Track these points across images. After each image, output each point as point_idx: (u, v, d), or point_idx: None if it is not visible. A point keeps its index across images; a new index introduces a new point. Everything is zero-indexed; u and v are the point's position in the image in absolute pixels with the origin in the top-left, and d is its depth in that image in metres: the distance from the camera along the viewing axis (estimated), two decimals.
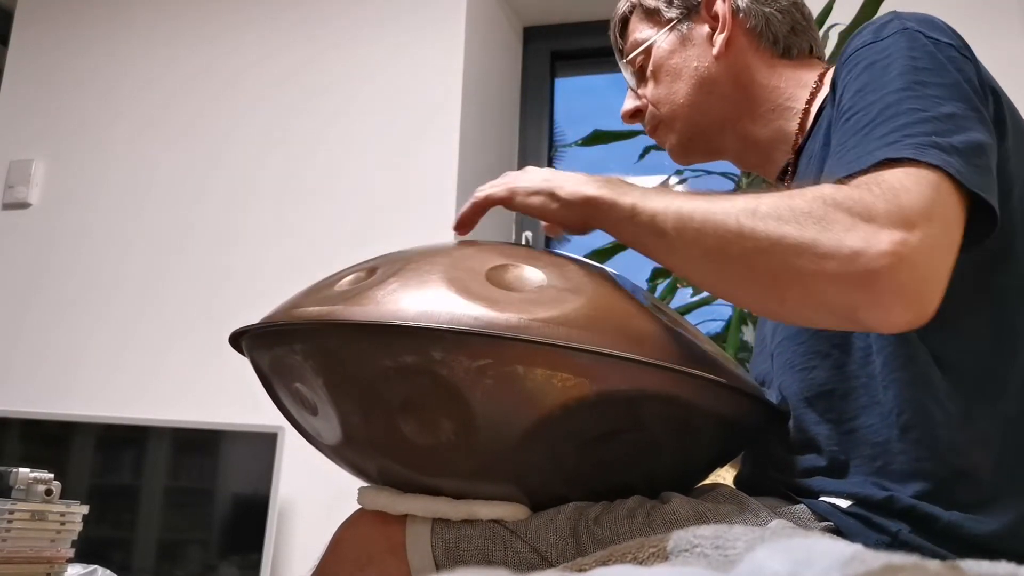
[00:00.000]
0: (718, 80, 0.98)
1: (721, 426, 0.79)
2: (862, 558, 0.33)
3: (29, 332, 2.35)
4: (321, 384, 0.75)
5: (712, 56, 0.99)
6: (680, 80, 1.01)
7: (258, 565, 1.86)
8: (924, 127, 0.70)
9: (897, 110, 0.71)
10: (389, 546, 0.79)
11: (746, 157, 1.04)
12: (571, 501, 0.78)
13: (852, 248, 0.64)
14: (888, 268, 0.63)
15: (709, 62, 0.99)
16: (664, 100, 1.02)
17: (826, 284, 0.65)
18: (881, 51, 0.77)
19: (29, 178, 2.46)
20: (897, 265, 0.63)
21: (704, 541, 0.39)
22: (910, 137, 0.69)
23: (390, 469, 0.79)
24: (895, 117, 0.71)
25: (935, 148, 0.68)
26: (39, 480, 1.27)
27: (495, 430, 0.71)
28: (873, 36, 0.80)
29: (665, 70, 1.02)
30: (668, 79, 1.02)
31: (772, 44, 0.99)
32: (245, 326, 0.80)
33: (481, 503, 0.78)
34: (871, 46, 0.79)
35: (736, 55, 0.98)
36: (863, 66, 0.78)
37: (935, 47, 0.76)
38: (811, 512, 0.77)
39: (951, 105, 0.72)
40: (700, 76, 0.99)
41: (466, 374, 0.69)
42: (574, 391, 0.70)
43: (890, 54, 0.76)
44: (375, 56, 2.33)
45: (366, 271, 0.79)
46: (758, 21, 0.99)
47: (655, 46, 1.03)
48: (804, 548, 0.35)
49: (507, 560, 0.76)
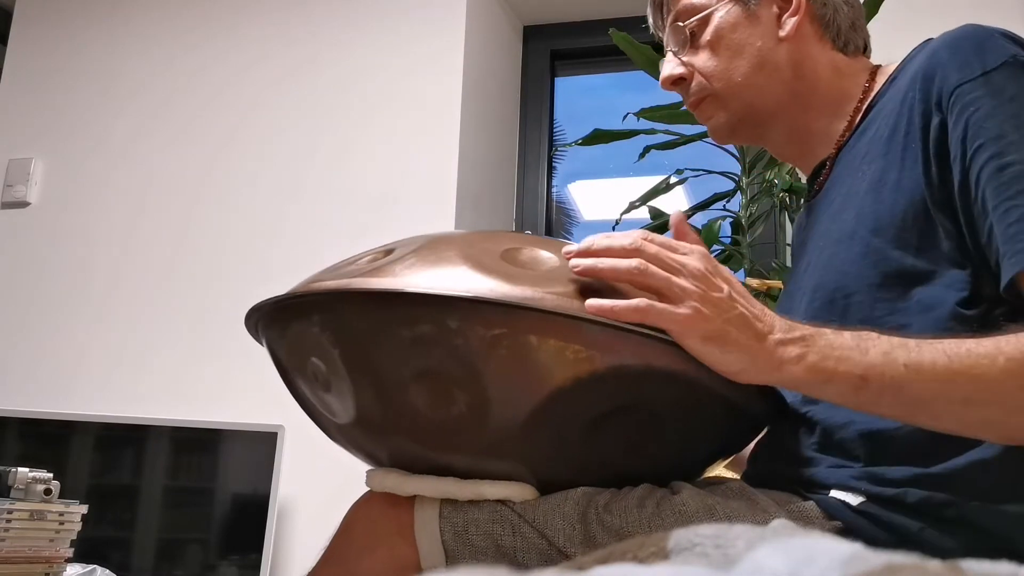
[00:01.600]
0: (780, 64, 0.96)
1: (727, 409, 0.80)
2: (863, 557, 0.33)
3: (28, 331, 2.35)
4: (337, 356, 0.76)
5: (778, 38, 0.95)
6: (741, 57, 0.96)
7: (258, 565, 1.86)
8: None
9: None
10: (398, 528, 0.79)
11: (788, 148, 1.02)
12: (578, 484, 0.78)
13: None
14: None
15: (774, 43, 0.96)
16: (719, 75, 0.97)
17: None
18: (1001, 89, 0.77)
19: (28, 177, 2.45)
20: None
21: (705, 540, 0.39)
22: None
23: (400, 447, 0.79)
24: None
25: None
26: (38, 480, 1.27)
27: (506, 403, 0.72)
28: (980, 65, 0.79)
29: (726, 43, 0.97)
30: (728, 53, 0.97)
31: (835, 36, 0.97)
32: (265, 300, 0.80)
33: (488, 483, 0.78)
34: (986, 79, 0.78)
35: (801, 41, 0.96)
36: (989, 105, 0.77)
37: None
38: (820, 510, 0.77)
39: None
40: (763, 57, 0.96)
41: (480, 344, 0.71)
42: (585, 364, 0.71)
43: (1014, 96, 0.76)
44: (375, 55, 2.33)
45: (383, 252, 0.80)
46: (827, 10, 0.97)
47: (716, 15, 0.97)
48: (804, 547, 0.35)
49: (515, 544, 0.76)
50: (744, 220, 1.98)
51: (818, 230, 0.94)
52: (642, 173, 2.39)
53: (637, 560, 0.41)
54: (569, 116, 2.68)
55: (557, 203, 2.65)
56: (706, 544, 0.39)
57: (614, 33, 1.95)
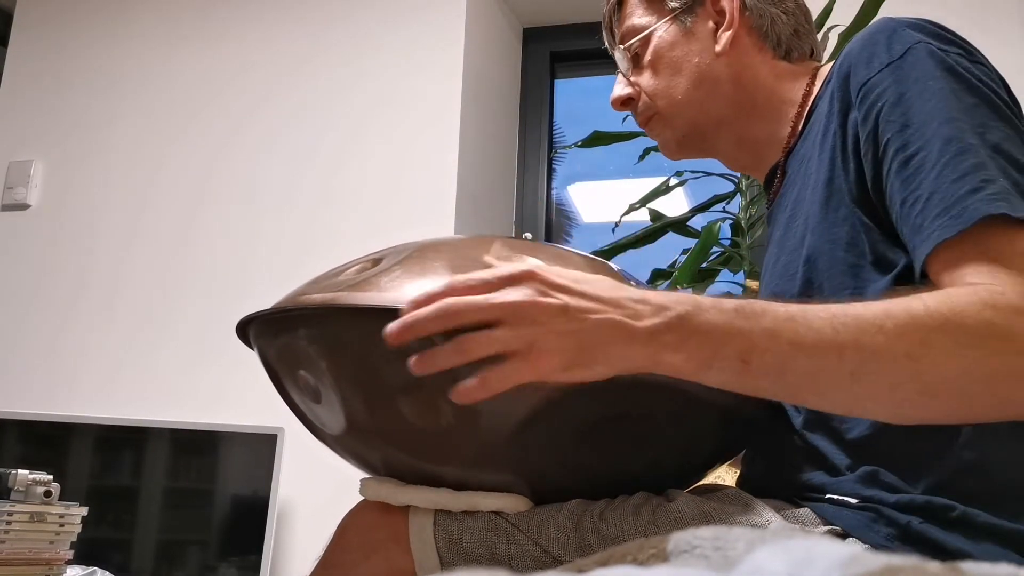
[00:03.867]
0: (719, 78, 0.96)
1: (720, 416, 0.79)
2: (862, 559, 0.33)
3: (28, 333, 2.35)
4: (325, 369, 0.76)
5: (715, 53, 0.96)
6: (680, 75, 0.98)
7: (257, 567, 1.86)
8: (995, 164, 0.71)
9: (960, 147, 0.72)
10: (393, 535, 0.79)
11: (739, 157, 1.03)
12: (572, 492, 0.78)
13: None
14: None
15: (711, 59, 0.96)
16: (662, 94, 0.99)
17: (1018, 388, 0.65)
18: (905, 77, 0.77)
19: (28, 179, 2.45)
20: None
21: (704, 542, 0.39)
22: (990, 183, 0.70)
23: (392, 457, 0.79)
24: (962, 155, 0.72)
25: (1015, 194, 0.70)
26: (38, 481, 1.27)
27: (496, 413, 0.72)
28: (887, 55, 0.79)
29: (665, 62, 0.99)
30: (668, 72, 0.98)
31: (775, 46, 0.97)
32: (252, 314, 0.81)
33: (482, 494, 0.78)
34: (891, 68, 0.78)
35: (739, 54, 0.96)
36: (893, 95, 0.77)
37: (954, 62, 0.77)
38: (815, 515, 0.77)
39: (999, 129, 0.73)
40: (701, 72, 0.97)
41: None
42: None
43: (917, 79, 0.76)
44: (375, 57, 2.33)
45: (371, 261, 0.80)
46: (764, 21, 0.97)
47: (655, 35, 0.99)
48: (804, 549, 0.35)
49: (510, 552, 0.76)
50: (744, 222, 1.98)
51: (775, 238, 0.95)
52: (642, 175, 2.40)
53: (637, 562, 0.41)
54: (569, 118, 2.68)
55: (557, 205, 2.65)
56: (705, 546, 0.39)
57: None
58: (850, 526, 0.75)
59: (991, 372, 0.65)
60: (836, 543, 0.36)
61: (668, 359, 0.65)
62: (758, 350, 0.65)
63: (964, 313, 0.65)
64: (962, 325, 0.65)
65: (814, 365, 0.66)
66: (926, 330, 0.65)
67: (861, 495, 0.75)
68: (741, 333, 0.65)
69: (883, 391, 0.66)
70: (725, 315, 0.66)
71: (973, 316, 0.65)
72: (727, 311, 0.66)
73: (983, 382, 0.65)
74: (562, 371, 0.65)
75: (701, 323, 0.65)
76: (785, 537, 0.37)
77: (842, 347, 0.65)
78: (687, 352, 0.65)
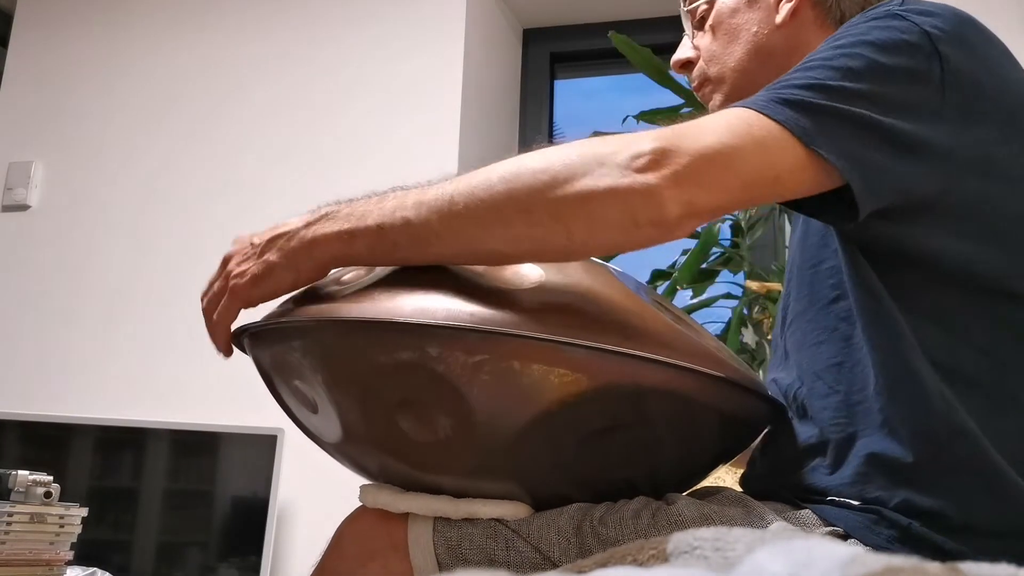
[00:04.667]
0: (774, 51, 0.94)
1: (722, 422, 0.79)
2: (862, 559, 0.33)
3: (28, 334, 2.35)
4: (320, 381, 0.75)
5: (774, 24, 0.94)
6: (736, 42, 0.96)
7: (258, 568, 1.86)
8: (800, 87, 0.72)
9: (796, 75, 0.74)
10: (391, 542, 0.79)
11: None
12: (573, 501, 0.78)
13: (620, 161, 0.69)
14: (652, 164, 0.68)
15: (770, 29, 0.94)
16: (716, 59, 0.98)
17: (603, 199, 0.68)
18: (848, 28, 0.77)
19: (28, 180, 2.46)
20: (660, 162, 0.68)
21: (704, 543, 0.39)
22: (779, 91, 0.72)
23: (390, 467, 0.79)
24: (791, 76, 0.74)
25: (781, 102, 0.71)
26: (38, 482, 1.27)
27: (493, 426, 0.71)
28: (862, 15, 0.79)
29: (724, 28, 0.97)
30: (725, 38, 0.97)
31: (837, 22, 0.94)
32: (245, 324, 0.80)
33: (482, 502, 0.78)
34: (855, 22, 0.78)
35: (799, 28, 0.94)
36: (831, 36, 0.78)
37: (900, 23, 0.75)
38: (817, 517, 0.77)
39: (860, 81, 0.72)
40: (757, 42, 0.95)
41: (462, 370, 0.69)
42: (571, 387, 0.70)
43: (851, 28, 0.77)
44: (375, 58, 2.33)
45: (365, 269, 0.79)
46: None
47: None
48: (804, 550, 0.35)
49: (509, 559, 0.76)
50: (743, 222, 1.98)
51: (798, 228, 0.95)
52: None
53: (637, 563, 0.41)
54: (569, 119, 2.68)
55: None
56: (705, 547, 0.39)
57: (614, 36, 1.95)
58: (851, 527, 0.74)
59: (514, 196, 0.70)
60: (836, 544, 0.36)
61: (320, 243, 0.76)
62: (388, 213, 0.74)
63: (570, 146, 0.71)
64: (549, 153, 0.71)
65: (435, 220, 0.72)
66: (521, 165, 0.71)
67: (863, 497, 0.75)
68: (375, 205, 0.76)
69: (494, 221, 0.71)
70: (369, 201, 0.77)
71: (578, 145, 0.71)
72: (368, 197, 0.78)
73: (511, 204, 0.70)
74: (252, 287, 0.79)
75: (346, 211, 0.77)
76: (785, 538, 0.37)
77: (453, 191, 0.73)
78: (333, 233, 0.76)
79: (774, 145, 0.70)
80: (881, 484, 0.74)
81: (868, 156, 0.71)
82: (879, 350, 0.75)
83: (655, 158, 0.68)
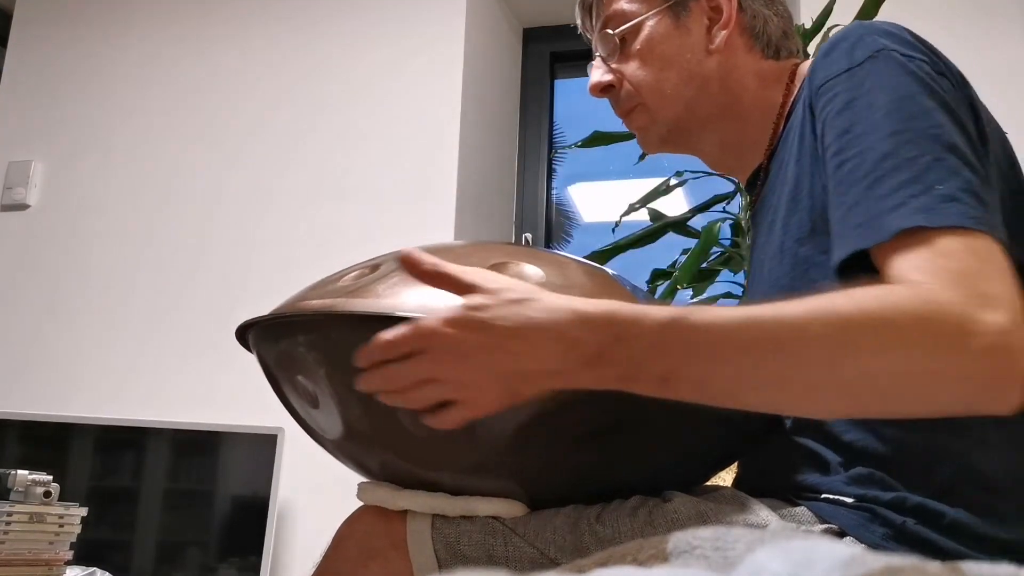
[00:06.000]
0: (709, 77, 0.94)
1: (719, 425, 0.79)
2: (862, 560, 0.33)
3: (28, 334, 2.35)
4: (322, 375, 0.76)
5: (707, 50, 0.94)
6: (670, 70, 0.95)
7: (258, 567, 1.86)
8: (945, 166, 0.69)
9: (896, 163, 0.70)
10: (391, 541, 0.79)
11: (722, 159, 1.01)
12: (569, 498, 0.78)
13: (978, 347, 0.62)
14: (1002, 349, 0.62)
15: (703, 56, 0.94)
16: (649, 86, 0.96)
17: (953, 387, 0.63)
18: (860, 83, 0.76)
19: (28, 179, 2.45)
20: (1005, 343, 0.62)
21: (704, 543, 0.39)
22: (915, 198, 0.68)
23: (390, 462, 0.79)
24: (896, 171, 0.70)
25: (947, 202, 0.67)
26: (38, 482, 1.27)
27: (493, 422, 0.72)
28: (847, 61, 0.78)
29: (656, 54, 0.95)
30: (657, 65, 0.95)
31: (764, 46, 0.96)
32: (252, 319, 0.81)
33: (479, 499, 0.78)
34: (848, 74, 0.77)
35: (730, 54, 0.94)
36: (843, 100, 0.76)
37: (916, 67, 0.75)
38: (812, 514, 0.77)
39: (956, 133, 0.71)
40: (692, 70, 0.94)
41: None
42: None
43: (871, 88, 0.75)
44: (375, 58, 2.33)
45: (370, 267, 0.80)
46: (757, 22, 0.96)
47: (646, 24, 0.96)
48: (804, 549, 0.34)
49: (508, 555, 0.76)
50: (744, 222, 1.98)
51: (758, 244, 0.94)
52: (642, 175, 2.39)
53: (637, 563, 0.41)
54: (569, 118, 2.68)
55: (557, 205, 2.65)
56: (705, 546, 0.39)
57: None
58: (846, 525, 0.74)
59: (919, 370, 0.63)
60: (836, 544, 0.35)
61: (595, 375, 0.67)
62: (676, 368, 0.66)
63: (898, 308, 0.63)
64: (893, 322, 0.63)
65: (731, 374, 0.66)
66: (851, 329, 0.63)
67: (856, 495, 0.75)
68: (665, 351, 0.66)
69: (801, 393, 0.66)
70: (651, 335, 0.66)
71: (907, 312, 0.63)
72: (653, 329, 0.66)
73: (906, 379, 0.63)
74: (503, 403, 0.68)
75: (621, 354, 0.66)
76: (785, 538, 0.37)
77: (763, 354, 0.65)
78: (610, 370, 0.67)
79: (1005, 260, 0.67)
80: (874, 483, 0.74)
81: (995, 218, 0.70)
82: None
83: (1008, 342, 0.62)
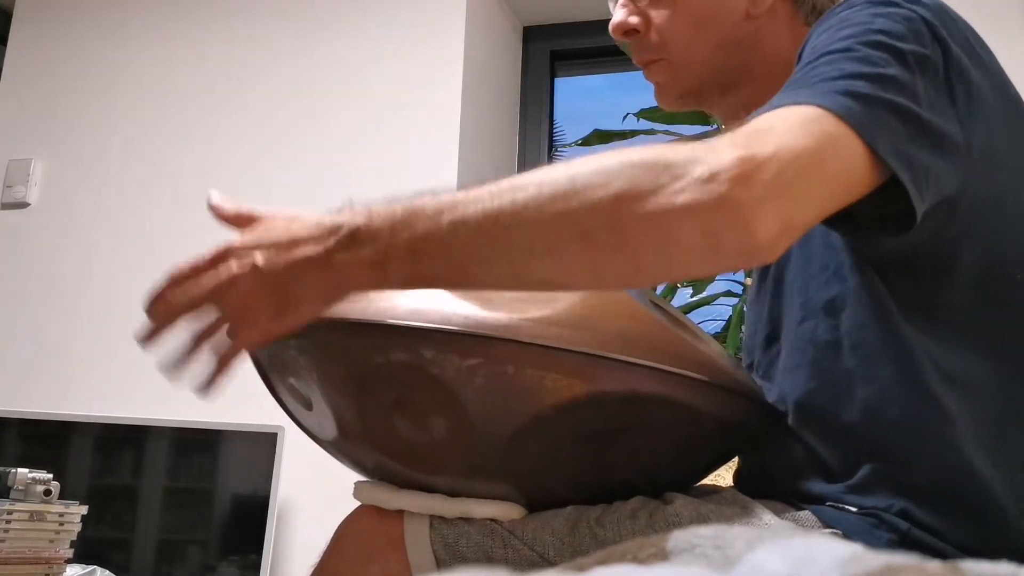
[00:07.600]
0: (742, 42, 0.89)
1: (718, 428, 0.79)
2: (862, 558, 0.33)
3: (27, 332, 2.35)
4: (315, 380, 0.75)
5: (747, 14, 0.88)
6: (705, 29, 0.89)
7: (258, 566, 1.86)
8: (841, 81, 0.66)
9: (827, 68, 0.67)
10: (389, 542, 0.79)
11: (735, 118, 0.94)
12: (568, 503, 0.78)
13: (699, 175, 0.59)
14: (740, 178, 0.59)
15: (741, 19, 0.88)
16: (679, 42, 0.90)
17: (680, 220, 0.60)
18: (845, 19, 0.73)
19: (28, 178, 2.45)
20: (749, 175, 0.59)
21: (704, 541, 0.39)
22: (821, 83, 0.65)
23: (385, 465, 0.79)
24: (821, 69, 0.67)
25: (844, 94, 0.64)
26: (38, 480, 1.27)
27: (488, 428, 0.71)
28: (846, 3, 0.76)
29: (690, 11, 0.89)
30: (692, 21, 0.89)
31: (809, 12, 0.89)
32: None
33: (475, 501, 0.78)
34: (836, 16, 0.75)
35: (770, 20, 0.89)
36: (823, 27, 0.74)
37: (897, 10, 0.72)
38: (816, 518, 0.76)
39: (887, 67, 0.67)
40: (727, 33, 0.89)
41: (457, 373, 0.70)
42: (565, 391, 0.70)
43: (849, 16, 0.73)
44: (375, 56, 2.33)
45: None
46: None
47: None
48: (804, 548, 0.34)
49: (507, 556, 0.76)
50: None
51: None
52: None
53: (637, 561, 0.41)
54: (569, 116, 2.68)
55: None
56: (706, 545, 0.39)
57: None
58: (850, 531, 0.73)
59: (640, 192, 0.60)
60: (836, 542, 0.35)
61: (351, 275, 0.65)
62: (422, 236, 0.63)
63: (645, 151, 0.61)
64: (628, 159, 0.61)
65: (474, 235, 0.62)
66: (579, 177, 0.61)
67: (861, 504, 0.74)
68: (406, 226, 0.63)
69: (545, 249, 0.62)
70: (391, 216, 0.64)
71: (646, 152, 0.61)
72: (395, 211, 0.64)
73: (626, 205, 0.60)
74: (273, 321, 0.67)
75: (371, 230, 0.64)
76: (785, 536, 0.37)
77: (499, 212, 0.62)
78: (363, 262, 0.64)
79: (845, 146, 0.63)
80: (880, 494, 0.73)
81: (914, 155, 0.66)
82: (877, 364, 0.74)
83: (742, 170, 0.59)
